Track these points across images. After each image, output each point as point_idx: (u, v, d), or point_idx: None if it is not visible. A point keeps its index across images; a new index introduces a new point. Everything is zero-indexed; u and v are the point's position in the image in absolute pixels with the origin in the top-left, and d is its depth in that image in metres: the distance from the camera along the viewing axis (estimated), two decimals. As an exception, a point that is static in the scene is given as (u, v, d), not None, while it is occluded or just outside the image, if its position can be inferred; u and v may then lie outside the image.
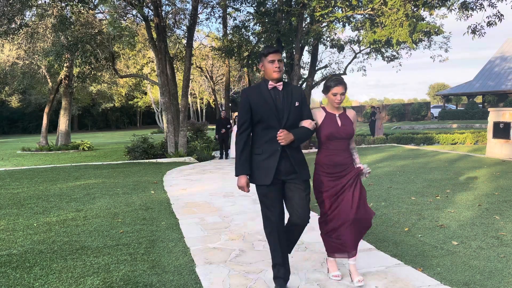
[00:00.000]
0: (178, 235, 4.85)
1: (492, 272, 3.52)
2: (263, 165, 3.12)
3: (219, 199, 6.89)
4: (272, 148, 3.11)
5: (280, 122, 3.10)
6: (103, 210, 6.27)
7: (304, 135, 3.16)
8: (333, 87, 3.30)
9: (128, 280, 3.52)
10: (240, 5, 17.93)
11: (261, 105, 3.11)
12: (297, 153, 3.21)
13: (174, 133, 14.31)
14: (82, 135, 38.45)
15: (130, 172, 10.61)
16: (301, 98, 3.22)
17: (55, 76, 21.94)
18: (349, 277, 3.41)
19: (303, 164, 3.22)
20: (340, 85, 3.30)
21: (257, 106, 3.12)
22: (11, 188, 8.49)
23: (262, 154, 3.13)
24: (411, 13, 11.53)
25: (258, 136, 3.17)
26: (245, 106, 3.16)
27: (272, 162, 3.10)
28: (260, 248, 4.28)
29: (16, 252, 4.35)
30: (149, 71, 28.98)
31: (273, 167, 3.09)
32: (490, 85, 33.86)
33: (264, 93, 3.14)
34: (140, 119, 65.42)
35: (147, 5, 14.09)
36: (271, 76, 3.12)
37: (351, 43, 19.64)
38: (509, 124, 11.23)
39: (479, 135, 16.35)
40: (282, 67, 3.12)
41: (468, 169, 9.36)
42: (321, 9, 13.00)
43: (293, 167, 3.13)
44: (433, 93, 75.50)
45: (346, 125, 3.35)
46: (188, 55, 14.23)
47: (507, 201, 6.08)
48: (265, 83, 3.18)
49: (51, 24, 16.21)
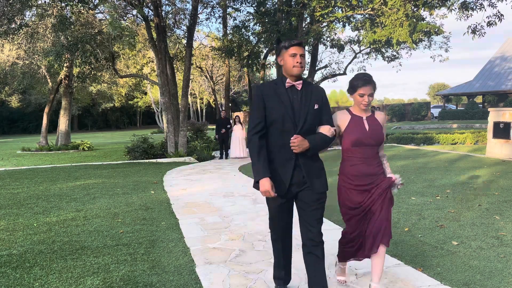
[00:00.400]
0: (178, 235, 4.84)
1: (492, 272, 3.52)
2: (275, 174, 2.78)
3: (219, 199, 6.89)
4: (285, 156, 2.77)
5: (296, 126, 2.74)
6: (103, 210, 6.27)
7: (321, 143, 2.77)
8: (361, 87, 2.87)
9: (128, 280, 3.52)
10: (240, 5, 17.96)
11: (275, 105, 2.77)
12: (313, 161, 2.84)
13: (174, 133, 14.32)
14: (82, 135, 38.46)
15: (130, 172, 10.61)
16: (322, 100, 2.85)
17: (55, 76, 21.95)
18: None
19: (318, 174, 2.85)
20: (369, 84, 2.88)
21: (271, 106, 2.77)
22: (11, 188, 8.49)
23: (273, 162, 2.79)
24: (411, 13, 11.53)
25: (270, 140, 2.82)
26: (258, 104, 2.80)
27: (285, 173, 2.77)
28: (260, 248, 4.28)
29: (16, 252, 4.35)
30: (149, 71, 28.99)
31: (287, 179, 2.77)
32: (490, 85, 33.87)
33: (280, 92, 2.79)
34: (140, 119, 65.44)
35: (147, 5, 14.10)
36: (291, 71, 2.76)
37: (351, 43, 19.66)
38: (509, 124, 11.23)
39: (479, 135, 16.35)
40: (304, 63, 2.77)
41: (468, 169, 9.36)
42: (321, 9, 13.00)
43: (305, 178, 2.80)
44: (433, 93, 75.49)
45: (375, 130, 2.95)
46: (188, 55, 14.24)
47: (507, 201, 6.08)
48: (282, 81, 2.83)
49: (51, 24, 16.21)
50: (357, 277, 3.45)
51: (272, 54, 20.23)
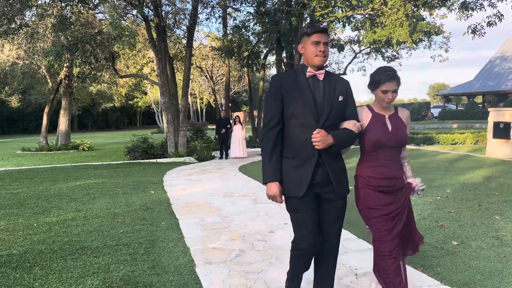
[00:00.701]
0: (178, 235, 4.84)
1: (492, 272, 3.52)
2: (295, 173, 2.52)
3: (219, 199, 6.89)
4: (307, 152, 2.49)
5: (318, 120, 2.48)
6: (103, 210, 6.27)
7: (346, 139, 2.50)
8: (384, 83, 2.60)
9: (128, 280, 3.52)
10: (240, 5, 17.98)
11: (295, 96, 2.50)
12: (336, 160, 2.57)
13: (174, 133, 14.32)
14: (82, 135, 38.45)
15: (130, 172, 10.61)
16: (346, 92, 2.59)
17: (55, 76, 21.95)
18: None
19: (342, 175, 2.60)
20: (393, 80, 2.60)
21: (290, 97, 2.51)
22: (11, 188, 8.49)
23: (294, 159, 2.53)
24: (411, 13, 11.54)
25: (289, 135, 2.55)
26: (275, 96, 2.53)
27: (307, 170, 2.50)
28: (260, 248, 4.28)
29: (16, 252, 4.35)
30: (149, 71, 29.00)
31: (308, 176, 2.49)
32: (490, 85, 33.88)
33: (300, 82, 2.53)
34: (140, 119, 65.43)
35: (147, 5, 14.10)
36: (312, 61, 2.50)
37: (351, 43, 19.68)
38: (509, 124, 11.23)
39: (479, 135, 16.35)
40: (327, 52, 2.52)
41: (468, 169, 9.36)
42: (321, 9, 13.00)
43: (329, 178, 2.53)
44: (433, 93, 75.53)
45: (399, 130, 2.66)
46: (188, 55, 14.24)
47: (507, 201, 6.08)
48: (303, 70, 2.56)
49: (51, 24, 16.22)
50: (357, 277, 3.45)
51: (272, 54, 20.23)
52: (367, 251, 4.10)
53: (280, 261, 3.87)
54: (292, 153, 2.54)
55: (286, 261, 3.85)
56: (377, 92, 2.66)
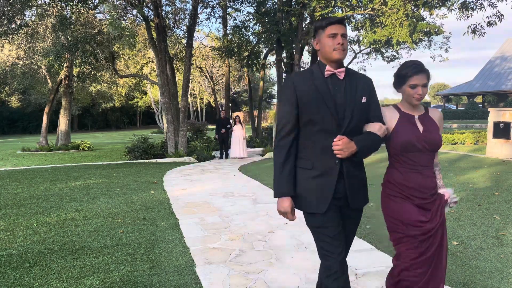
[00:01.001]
0: (178, 235, 4.84)
1: (492, 272, 3.52)
2: (314, 185, 2.22)
3: (219, 199, 6.89)
4: (328, 162, 2.21)
5: (340, 125, 2.19)
6: (103, 210, 6.27)
7: (371, 145, 2.21)
8: (412, 76, 2.29)
9: (128, 280, 3.52)
10: (240, 5, 17.96)
11: (313, 98, 2.20)
12: (359, 170, 2.29)
13: (174, 133, 14.32)
14: (82, 135, 38.44)
15: (130, 172, 10.61)
16: (370, 93, 2.30)
17: (55, 76, 21.95)
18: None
19: (362, 188, 2.32)
20: (422, 73, 2.29)
21: (307, 100, 2.20)
22: (11, 188, 8.49)
23: (312, 170, 2.22)
24: (411, 13, 11.53)
25: (306, 143, 2.25)
26: (289, 99, 2.23)
27: (329, 182, 2.21)
28: (260, 248, 4.28)
29: (16, 252, 4.35)
30: (149, 71, 29.00)
31: (330, 189, 2.20)
32: (490, 85, 33.89)
33: (318, 82, 2.22)
34: (140, 119, 65.41)
35: (147, 5, 14.10)
36: (330, 56, 2.20)
37: (351, 43, 19.66)
38: (509, 124, 11.23)
39: (479, 135, 16.34)
40: (346, 44, 2.23)
41: (468, 169, 9.36)
42: (321, 9, 12.99)
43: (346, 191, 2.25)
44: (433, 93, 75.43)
45: (431, 131, 2.36)
46: (188, 55, 14.24)
47: (507, 201, 6.08)
48: (320, 68, 2.25)
49: (51, 24, 16.22)
50: (357, 277, 3.45)
51: (272, 54, 20.23)
52: (367, 251, 4.10)
53: (280, 261, 3.87)
54: (309, 163, 2.24)
55: (286, 261, 3.85)
56: (404, 89, 2.35)
